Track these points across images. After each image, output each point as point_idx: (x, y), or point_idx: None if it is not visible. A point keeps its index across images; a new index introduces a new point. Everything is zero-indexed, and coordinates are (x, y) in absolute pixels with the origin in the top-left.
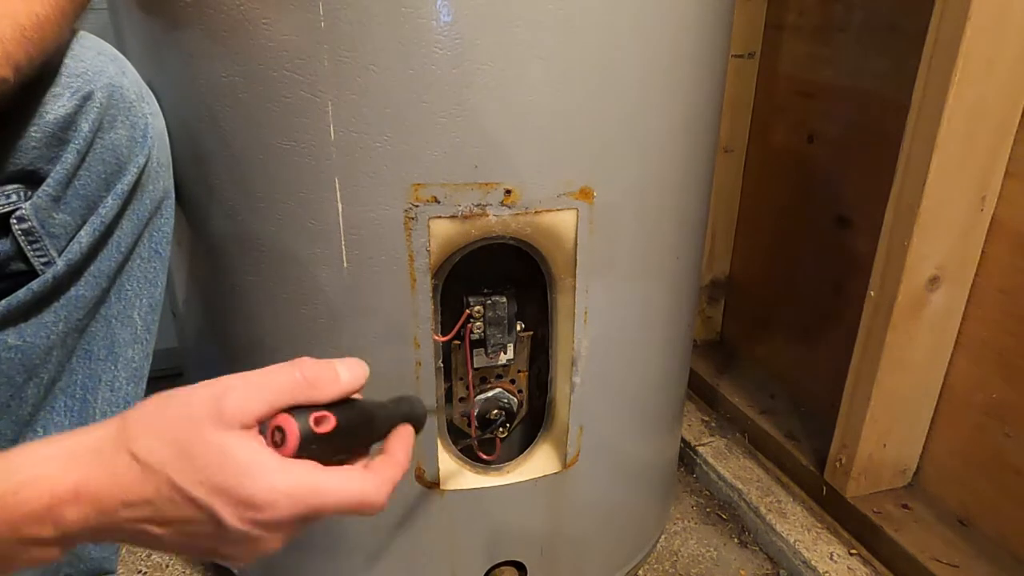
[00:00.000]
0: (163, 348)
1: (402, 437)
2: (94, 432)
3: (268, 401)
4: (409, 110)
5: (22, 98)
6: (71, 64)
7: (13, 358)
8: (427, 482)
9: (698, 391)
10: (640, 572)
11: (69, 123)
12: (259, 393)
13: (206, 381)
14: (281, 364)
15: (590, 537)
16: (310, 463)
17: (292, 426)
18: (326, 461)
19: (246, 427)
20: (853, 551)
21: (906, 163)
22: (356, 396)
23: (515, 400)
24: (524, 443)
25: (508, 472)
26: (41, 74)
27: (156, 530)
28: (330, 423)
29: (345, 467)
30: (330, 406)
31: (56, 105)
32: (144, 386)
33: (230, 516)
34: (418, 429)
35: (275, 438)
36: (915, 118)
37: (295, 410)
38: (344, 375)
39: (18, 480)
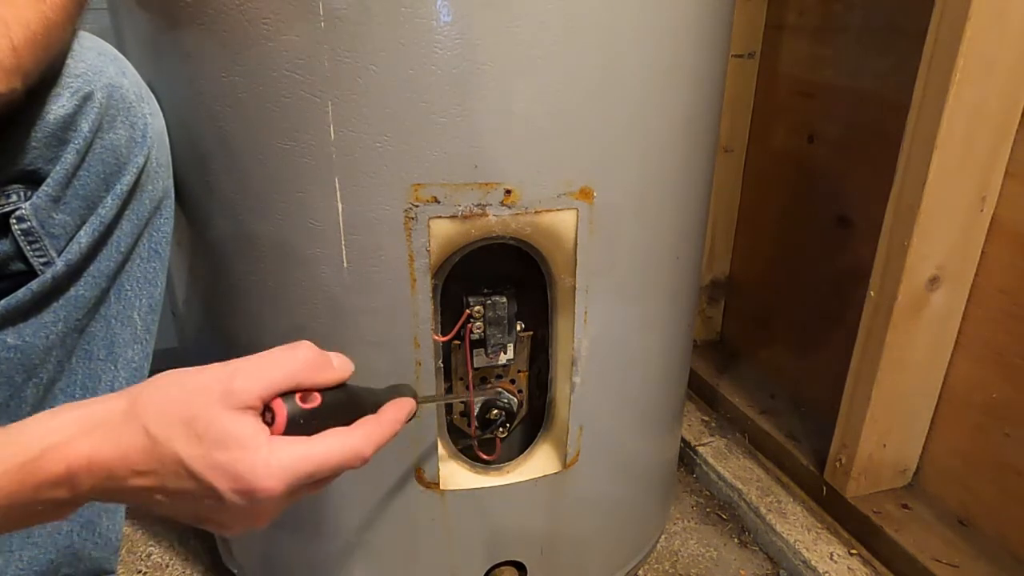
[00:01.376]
0: (163, 348)
1: (397, 403)
2: (106, 403)
3: (272, 383)
4: (409, 110)
5: (24, 99)
6: (71, 64)
7: (12, 358)
8: (427, 482)
9: (698, 391)
10: (640, 572)
11: (69, 123)
12: (265, 374)
13: (215, 364)
14: (282, 348)
15: (590, 537)
16: (298, 437)
17: (280, 407)
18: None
19: (250, 407)
20: (853, 551)
21: (906, 163)
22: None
23: (515, 400)
24: (524, 443)
25: (508, 472)
26: (44, 75)
27: (160, 497)
28: (316, 400)
29: (329, 431)
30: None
31: (56, 105)
32: None
33: (228, 491)
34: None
35: (266, 418)
36: (915, 118)
37: (285, 394)
38: (335, 363)
39: (38, 449)
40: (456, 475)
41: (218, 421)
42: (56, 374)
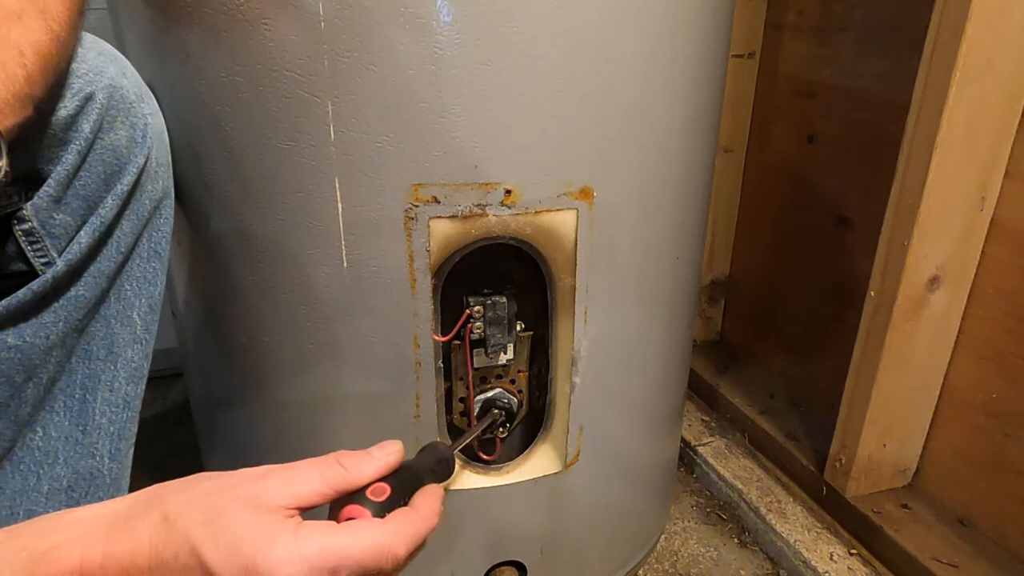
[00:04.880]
0: (163, 348)
1: (428, 493)
2: (130, 497)
3: (307, 488)
4: (409, 110)
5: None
6: (72, 65)
7: (12, 358)
8: None
9: (698, 391)
10: (640, 572)
11: (70, 124)
12: (298, 479)
13: (249, 468)
14: (319, 457)
15: (590, 537)
16: (324, 524)
17: (362, 511)
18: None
19: (285, 509)
20: (853, 551)
21: (906, 163)
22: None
23: (515, 400)
24: (524, 443)
25: (508, 472)
26: (52, 92)
27: None
28: (386, 491)
29: (358, 521)
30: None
31: (58, 106)
32: (144, 386)
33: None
34: (449, 474)
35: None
36: (915, 118)
37: (353, 496)
38: (377, 454)
39: (53, 541)
40: (456, 475)
41: (246, 517)
42: (56, 374)
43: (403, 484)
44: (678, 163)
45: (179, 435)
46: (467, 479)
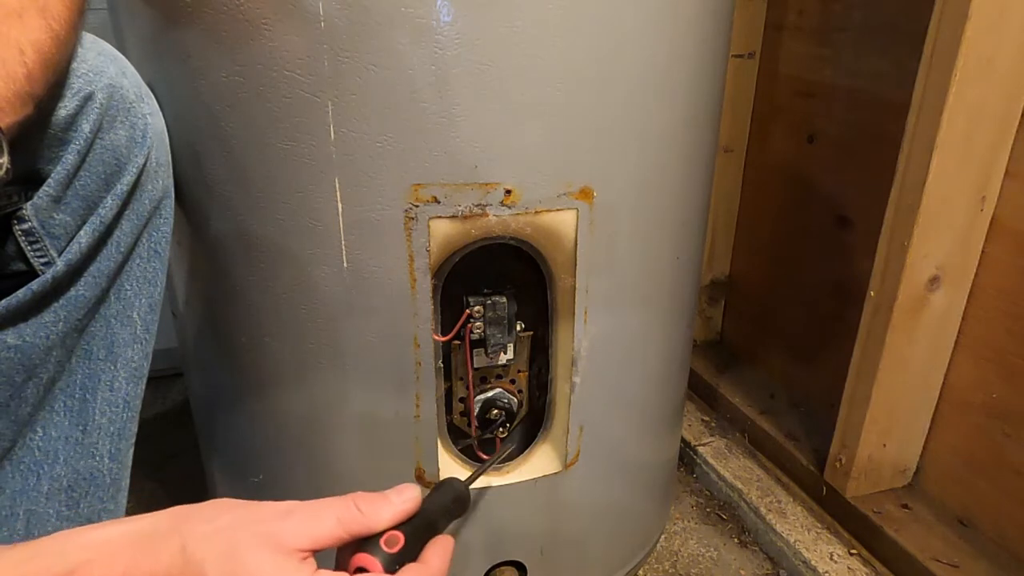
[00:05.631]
0: (163, 348)
1: (439, 548)
2: (153, 516)
3: (324, 531)
4: (409, 110)
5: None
6: (72, 65)
7: (12, 358)
8: (427, 482)
9: (698, 391)
10: (640, 572)
11: (70, 124)
12: (316, 521)
13: (273, 502)
14: (338, 498)
15: (590, 537)
16: None
17: (373, 563)
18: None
19: (300, 551)
20: (853, 551)
21: (906, 163)
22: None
23: (515, 400)
24: (524, 443)
25: (508, 472)
26: (52, 91)
27: None
28: (399, 541)
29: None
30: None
31: (58, 106)
32: (144, 386)
33: None
34: (464, 509)
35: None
36: (915, 118)
37: (366, 543)
38: (395, 499)
39: (74, 561)
40: (456, 475)
41: (264, 560)
42: (56, 374)
43: (416, 532)
44: (678, 163)
45: (179, 435)
46: None
